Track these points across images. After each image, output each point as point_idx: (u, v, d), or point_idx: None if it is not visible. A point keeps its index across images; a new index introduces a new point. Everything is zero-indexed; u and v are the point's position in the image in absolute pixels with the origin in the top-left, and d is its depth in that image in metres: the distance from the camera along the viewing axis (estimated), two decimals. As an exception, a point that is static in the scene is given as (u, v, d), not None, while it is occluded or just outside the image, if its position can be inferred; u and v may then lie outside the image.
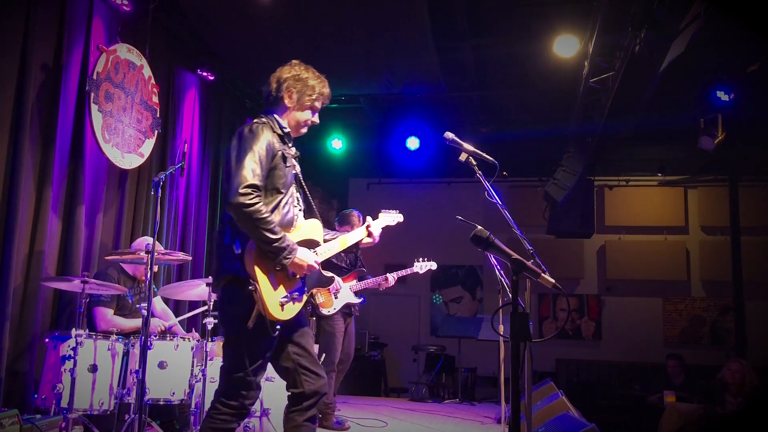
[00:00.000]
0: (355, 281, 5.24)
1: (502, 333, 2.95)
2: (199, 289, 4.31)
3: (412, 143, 8.85)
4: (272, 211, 2.65)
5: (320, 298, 5.11)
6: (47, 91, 4.34)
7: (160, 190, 3.66)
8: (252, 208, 2.51)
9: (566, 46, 6.15)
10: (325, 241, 2.98)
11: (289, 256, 2.63)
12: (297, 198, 2.88)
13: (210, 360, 4.18)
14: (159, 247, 3.94)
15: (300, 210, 2.89)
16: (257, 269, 2.59)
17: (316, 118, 2.91)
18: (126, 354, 3.93)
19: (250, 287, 2.56)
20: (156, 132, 5.41)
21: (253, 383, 2.66)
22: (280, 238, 2.59)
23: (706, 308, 9.87)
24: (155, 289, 4.58)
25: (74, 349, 3.61)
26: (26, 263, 4.16)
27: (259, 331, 2.61)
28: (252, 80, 7.31)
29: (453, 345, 8.51)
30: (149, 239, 4.25)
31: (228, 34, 6.11)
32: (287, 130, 2.82)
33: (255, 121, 2.76)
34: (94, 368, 3.74)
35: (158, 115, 5.45)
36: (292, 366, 2.75)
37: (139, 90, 5.18)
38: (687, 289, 9.96)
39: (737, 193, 9.38)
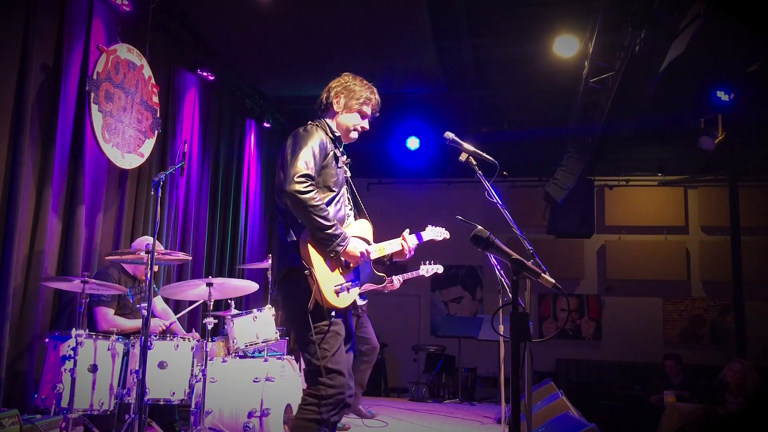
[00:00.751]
0: None
1: (502, 333, 2.95)
2: (199, 289, 4.31)
3: (412, 143, 8.85)
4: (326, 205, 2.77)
5: None
6: (47, 91, 4.34)
7: (160, 190, 3.66)
8: (306, 195, 2.65)
9: (566, 46, 6.15)
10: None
11: (342, 244, 2.75)
12: (348, 199, 3.02)
13: (210, 360, 4.18)
14: (159, 247, 3.94)
15: (351, 210, 3.03)
16: (312, 255, 2.70)
17: (365, 124, 3.08)
18: (126, 354, 3.93)
19: (306, 271, 2.67)
20: (156, 132, 5.41)
21: (335, 369, 2.69)
22: (333, 225, 2.71)
23: (706, 308, 9.88)
24: (156, 289, 4.58)
25: (74, 349, 3.61)
26: (26, 263, 4.16)
27: (320, 319, 2.70)
28: (252, 80, 7.31)
29: (453, 345, 8.51)
30: (149, 239, 4.25)
31: (228, 34, 6.11)
32: (338, 134, 2.99)
33: (309, 122, 2.93)
34: (94, 368, 3.74)
35: (158, 115, 5.45)
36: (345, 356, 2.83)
37: (139, 90, 5.18)
38: (687, 289, 9.96)
39: (737, 193, 9.37)
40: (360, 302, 5.13)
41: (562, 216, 8.80)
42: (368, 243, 3.01)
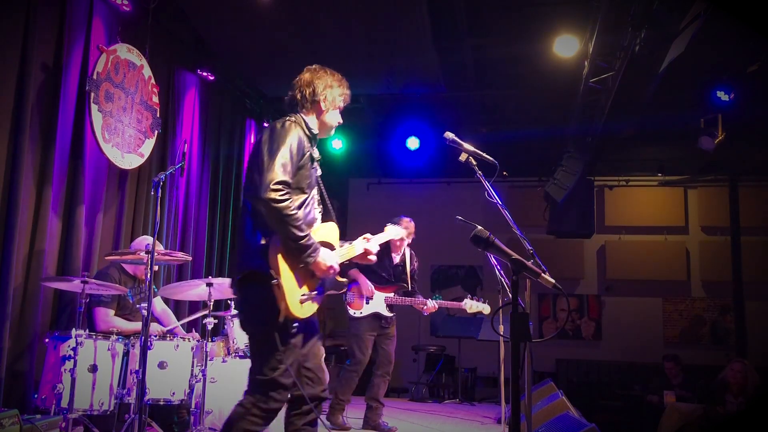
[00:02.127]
0: (393, 294, 5.14)
1: (502, 333, 2.95)
2: (199, 289, 4.31)
3: (412, 143, 8.84)
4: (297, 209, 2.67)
5: (351, 299, 5.10)
6: (47, 91, 4.34)
7: (160, 190, 3.66)
8: (282, 204, 2.54)
9: (566, 46, 6.15)
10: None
11: (313, 255, 2.65)
12: (317, 200, 2.92)
13: (210, 360, 4.18)
14: (159, 247, 3.94)
15: (320, 212, 2.92)
16: (281, 265, 2.59)
17: (341, 118, 3.02)
18: (126, 354, 3.93)
19: (273, 281, 2.56)
20: (156, 132, 5.41)
21: (285, 384, 2.63)
22: (306, 236, 2.61)
23: (706, 308, 9.87)
24: (155, 290, 4.58)
25: (74, 349, 3.61)
26: (26, 263, 4.16)
27: (284, 331, 2.62)
28: (252, 80, 7.31)
29: (453, 345, 8.51)
30: (149, 238, 4.25)
31: (228, 34, 6.11)
32: (315, 132, 2.90)
33: (287, 118, 2.80)
34: (94, 368, 3.74)
35: (158, 115, 5.45)
36: (296, 369, 2.74)
37: (139, 90, 5.18)
38: (687, 289, 9.96)
39: (737, 193, 9.38)
40: (387, 314, 5.12)
41: (562, 216, 8.80)
42: (333, 247, 2.91)
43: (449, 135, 3.01)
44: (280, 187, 2.54)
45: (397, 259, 5.24)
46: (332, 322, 10.02)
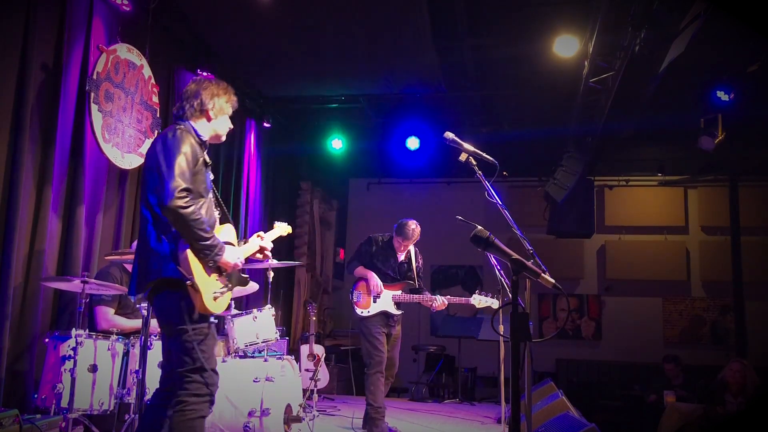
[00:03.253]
0: (400, 292, 5.11)
1: (502, 333, 2.95)
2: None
3: (412, 143, 8.85)
4: None
5: (358, 298, 5.07)
6: (47, 91, 4.34)
7: (160, 190, 3.65)
8: (188, 210, 2.69)
9: (566, 46, 6.15)
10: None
11: (220, 253, 2.81)
12: (214, 203, 3.05)
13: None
14: (159, 247, 3.94)
15: (219, 214, 3.05)
16: (192, 266, 2.73)
17: (231, 123, 3.16)
18: (126, 354, 3.93)
19: (188, 282, 2.70)
20: (156, 132, 5.41)
21: (213, 367, 2.79)
22: (211, 236, 2.78)
23: (706, 308, 9.87)
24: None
25: (74, 349, 3.61)
26: (26, 263, 4.16)
27: (201, 324, 2.78)
28: (252, 80, 7.31)
29: (453, 345, 8.51)
30: (149, 239, 4.24)
31: (228, 34, 6.11)
32: (204, 138, 3.01)
33: (177, 127, 2.92)
34: (94, 368, 3.74)
35: (158, 115, 5.45)
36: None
37: (139, 90, 5.18)
38: (687, 289, 9.96)
39: (737, 193, 9.38)
40: (395, 312, 5.10)
41: (562, 216, 8.80)
42: (233, 246, 3.04)
43: (449, 135, 3.01)
44: (184, 194, 2.69)
45: (401, 256, 5.22)
46: (332, 322, 10.02)
